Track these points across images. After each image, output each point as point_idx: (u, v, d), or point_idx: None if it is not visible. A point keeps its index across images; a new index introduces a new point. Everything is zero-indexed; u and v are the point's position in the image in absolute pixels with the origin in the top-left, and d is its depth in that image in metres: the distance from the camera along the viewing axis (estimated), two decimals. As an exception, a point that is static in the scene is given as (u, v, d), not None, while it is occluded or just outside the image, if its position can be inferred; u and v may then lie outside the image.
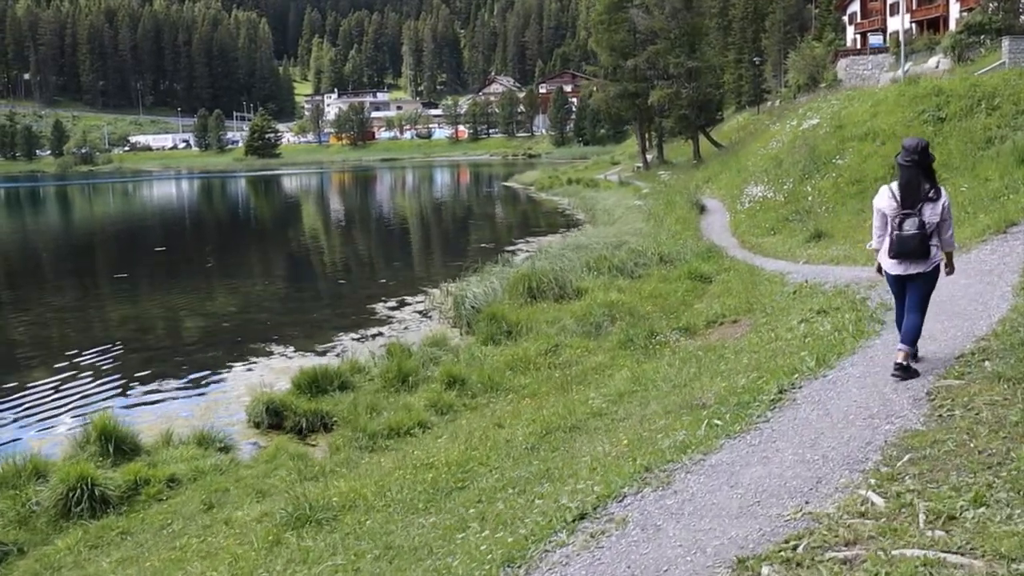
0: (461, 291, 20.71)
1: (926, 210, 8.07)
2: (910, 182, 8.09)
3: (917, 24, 70.00)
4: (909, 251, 8.18)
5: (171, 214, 68.08)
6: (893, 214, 8.19)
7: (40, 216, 69.23)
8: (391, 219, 57.43)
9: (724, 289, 18.25)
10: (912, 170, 8.07)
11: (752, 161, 36.92)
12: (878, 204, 8.46)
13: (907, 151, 8.10)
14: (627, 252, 22.71)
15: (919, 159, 8.06)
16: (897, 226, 8.14)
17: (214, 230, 53.48)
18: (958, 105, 26.34)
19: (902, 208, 8.11)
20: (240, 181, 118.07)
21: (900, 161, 8.16)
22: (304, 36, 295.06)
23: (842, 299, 13.36)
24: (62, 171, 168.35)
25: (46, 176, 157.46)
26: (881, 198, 8.41)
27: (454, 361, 14.97)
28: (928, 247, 8.17)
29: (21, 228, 56.56)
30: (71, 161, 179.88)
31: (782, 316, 14.14)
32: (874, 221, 8.65)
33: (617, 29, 56.83)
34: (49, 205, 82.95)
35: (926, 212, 8.07)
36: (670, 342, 14.27)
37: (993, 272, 12.85)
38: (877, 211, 8.50)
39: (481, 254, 28.88)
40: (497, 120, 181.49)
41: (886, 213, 8.31)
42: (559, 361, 14.43)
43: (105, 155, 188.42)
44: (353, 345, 18.69)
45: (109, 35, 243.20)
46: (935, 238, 8.21)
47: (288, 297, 26.48)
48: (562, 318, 17.50)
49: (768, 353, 11.43)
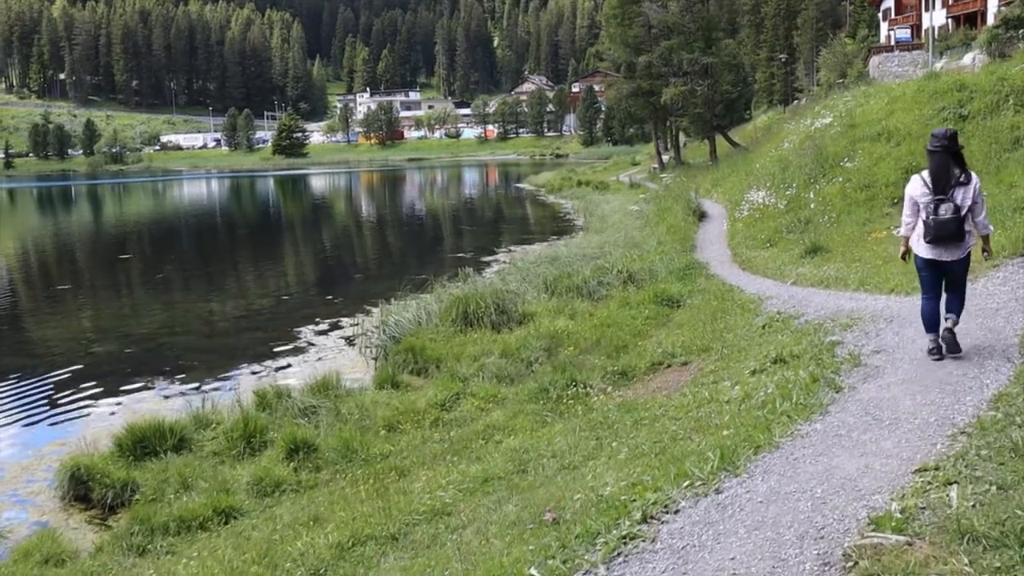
0: (391, 315, 17.93)
1: (958, 194, 8.22)
2: (940, 167, 8.26)
3: (953, 19, 66.65)
4: (946, 235, 8.27)
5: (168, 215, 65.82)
6: (926, 200, 8.34)
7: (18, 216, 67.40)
8: (378, 223, 54.31)
9: (689, 317, 15.36)
10: (942, 155, 8.25)
11: (760, 163, 33.82)
12: (910, 192, 8.59)
13: (936, 138, 8.31)
14: (593, 269, 19.83)
15: (948, 144, 8.24)
16: (932, 211, 8.27)
17: (194, 234, 50.46)
18: (983, 102, 23.21)
19: (935, 194, 8.27)
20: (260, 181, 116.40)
21: (929, 148, 8.37)
22: (337, 36, 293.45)
23: (808, 343, 10.51)
24: (92, 170, 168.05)
25: (77, 175, 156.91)
26: (913, 186, 8.57)
27: (331, 411, 12.19)
28: (963, 231, 8.30)
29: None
30: (101, 160, 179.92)
31: (735, 362, 11.32)
32: (905, 209, 8.73)
33: (630, 24, 53.75)
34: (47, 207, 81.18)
35: (958, 196, 8.22)
36: (592, 395, 11.41)
37: (1000, 312, 9.90)
38: (909, 199, 8.60)
39: (453, 265, 26.09)
40: (526, 120, 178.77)
41: (918, 201, 8.46)
42: (451, 417, 11.67)
43: (135, 154, 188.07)
44: (242, 382, 15.93)
45: (143, 35, 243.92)
46: (968, 222, 8.33)
47: (219, 316, 23.67)
48: (492, 351, 14.71)
49: (685, 426, 8.64)
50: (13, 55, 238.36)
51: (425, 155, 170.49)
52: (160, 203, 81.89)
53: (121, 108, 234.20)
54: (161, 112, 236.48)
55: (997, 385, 7.37)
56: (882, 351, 9.38)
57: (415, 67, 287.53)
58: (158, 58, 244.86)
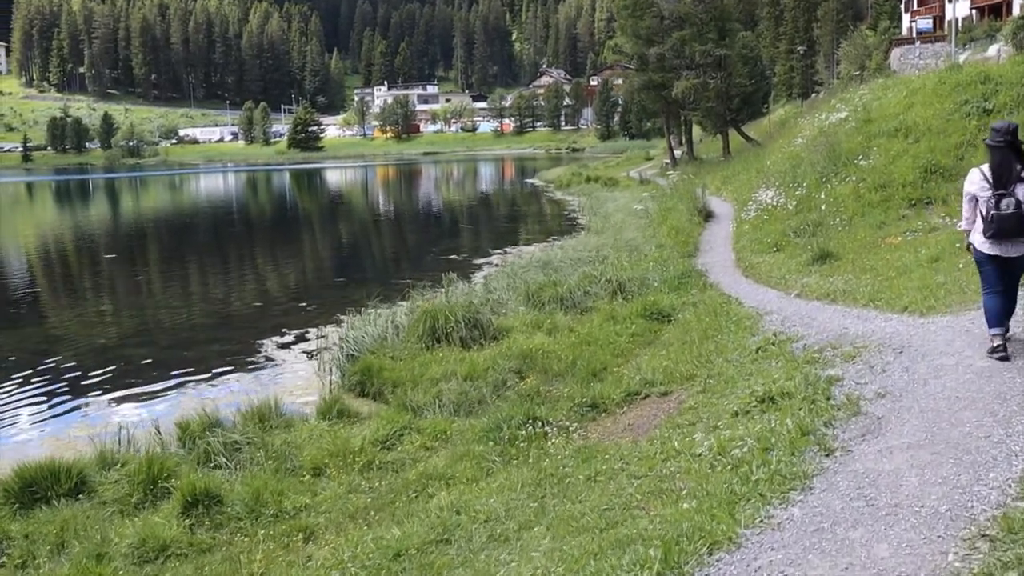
0: (355, 329, 16.39)
1: (1019, 190, 7.97)
2: (1003, 162, 8.02)
3: (978, 10, 64.64)
4: (1008, 229, 7.99)
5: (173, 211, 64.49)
6: (986, 195, 8.09)
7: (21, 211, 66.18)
8: (377, 222, 52.34)
9: (679, 335, 13.77)
10: (1004, 151, 8.00)
11: (771, 160, 32.10)
12: (969, 187, 8.36)
13: (998, 132, 8.06)
14: (580, 278, 18.23)
15: (1011, 140, 7.99)
16: (994, 206, 7.99)
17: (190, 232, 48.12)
18: (1008, 95, 21.47)
19: (996, 189, 8.03)
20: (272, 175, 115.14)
21: (990, 143, 8.12)
22: (355, 29, 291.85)
23: (803, 378, 8.92)
24: (109, 164, 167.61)
25: (94, 168, 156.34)
26: (972, 181, 8.33)
27: (257, 447, 10.63)
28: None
29: None
30: (118, 154, 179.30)
31: (718, 396, 9.77)
32: (964, 203, 8.55)
33: (642, 15, 51.93)
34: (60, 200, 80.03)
35: (1019, 192, 7.96)
36: (550, 435, 9.84)
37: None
38: (968, 194, 8.39)
39: (443, 268, 24.49)
40: (543, 113, 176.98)
41: (977, 195, 8.23)
42: (390, 459, 10.11)
43: (151, 148, 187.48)
44: (180, 404, 14.31)
45: (162, 29, 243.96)
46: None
47: (183, 324, 21.85)
48: (456, 373, 13.16)
49: (644, 488, 7.14)
50: (33, 49, 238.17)
51: (440, 149, 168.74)
52: (169, 198, 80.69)
53: (140, 102, 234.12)
54: (179, 106, 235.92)
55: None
56: (887, 395, 7.79)
57: (433, 60, 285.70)
58: (176, 52, 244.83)
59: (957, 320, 10.00)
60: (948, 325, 9.84)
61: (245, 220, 56.31)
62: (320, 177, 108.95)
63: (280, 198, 79.02)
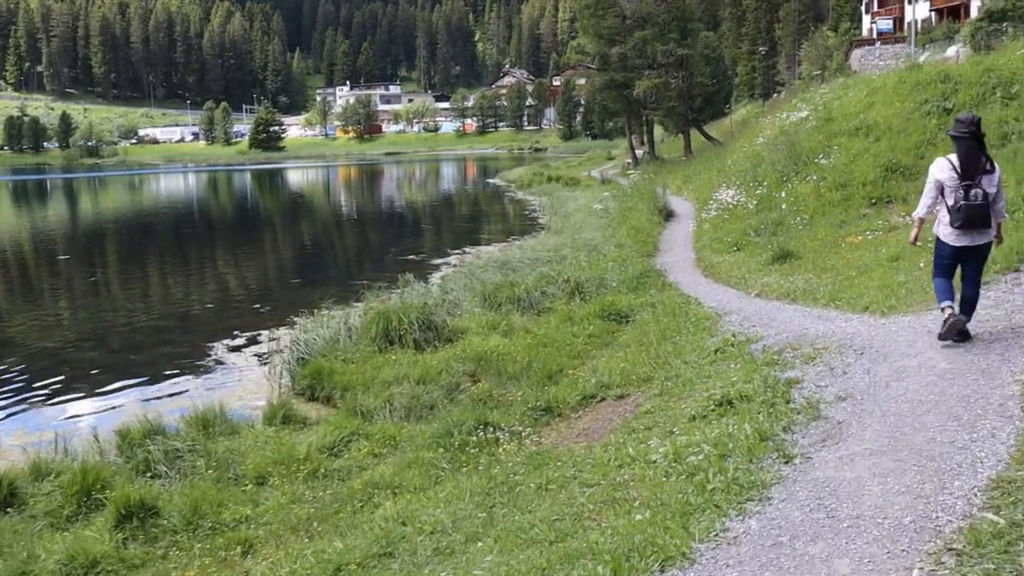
0: (307, 331, 15.94)
1: (984, 181, 8.06)
2: (969, 153, 8.06)
3: (936, 12, 65.27)
4: (977, 220, 8.06)
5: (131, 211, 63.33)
6: (954, 185, 8.12)
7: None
8: (337, 222, 51.49)
9: (636, 336, 13.47)
10: (970, 142, 8.04)
11: (733, 159, 31.97)
12: (939, 175, 8.26)
13: (963, 123, 8.08)
14: (537, 278, 17.89)
15: (975, 131, 8.04)
16: (963, 196, 8.04)
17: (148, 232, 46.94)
18: (968, 94, 21.40)
19: (964, 179, 8.07)
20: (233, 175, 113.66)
21: (955, 133, 8.14)
22: (318, 28, 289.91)
23: (762, 380, 8.64)
24: (68, 164, 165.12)
25: (52, 169, 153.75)
26: (941, 169, 8.27)
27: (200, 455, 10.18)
28: (990, 217, 8.15)
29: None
30: (76, 154, 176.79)
31: (675, 399, 9.48)
32: (927, 190, 8.43)
33: (604, 14, 51.68)
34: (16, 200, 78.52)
35: (984, 183, 8.05)
36: (502, 441, 9.50)
37: (994, 348, 8.05)
38: (934, 181, 8.31)
39: (402, 269, 24.06)
40: (505, 113, 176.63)
41: (945, 184, 8.21)
42: (336, 467, 9.71)
43: (111, 148, 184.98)
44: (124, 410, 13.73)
45: (121, 27, 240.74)
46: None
47: (134, 326, 21.03)
48: (409, 376, 12.78)
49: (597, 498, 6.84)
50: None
51: (403, 149, 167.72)
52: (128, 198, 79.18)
53: (99, 101, 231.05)
54: (140, 105, 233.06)
55: (994, 461, 5.52)
56: (848, 398, 7.52)
57: (396, 60, 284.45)
58: (136, 51, 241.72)
59: (919, 320, 9.79)
60: (910, 325, 9.62)
61: (204, 221, 55.34)
62: (281, 177, 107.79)
63: (240, 198, 78.08)
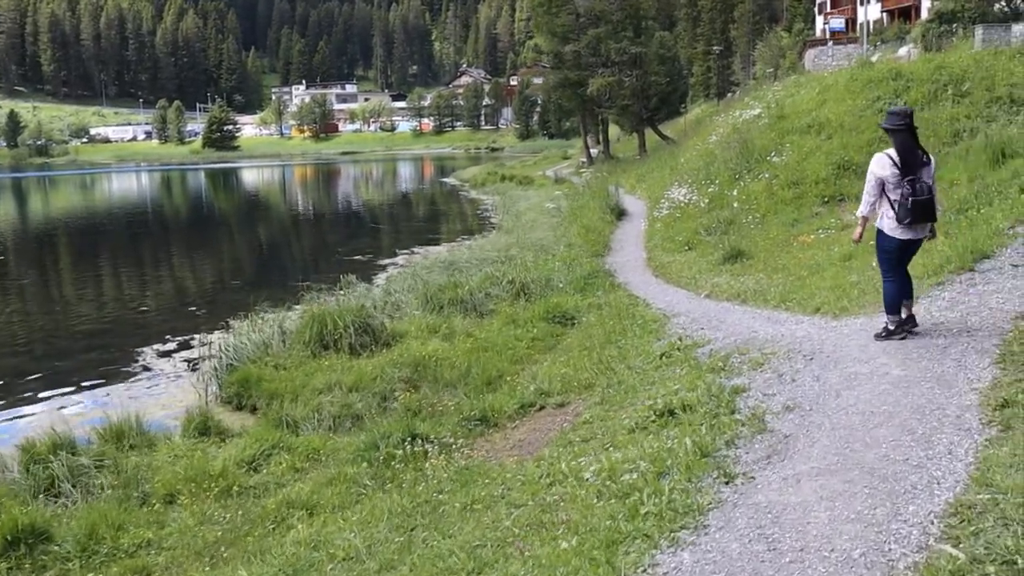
0: (239, 336, 15.21)
1: (924, 174, 7.94)
2: (907, 146, 7.88)
3: (888, 13, 65.60)
4: (926, 213, 7.91)
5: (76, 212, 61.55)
6: (896, 180, 7.89)
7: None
8: (285, 222, 50.07)
9: (581, 340, 12.92)
10: (906, 134, 7.85)
11: (686, 158, 31.58)
12: (880, 172, 7.99)
13: (897, 116, 7.90)
14: (481, 279, 17.29)
15: (910, 123, 7.87)
16: (911, 191, 7.81)
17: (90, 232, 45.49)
18: (920, 91, 21.17)
19: (905, 174, 7.85)
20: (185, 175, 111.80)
21: (889, 126, 7.93)
22: (273, 27, 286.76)
23: (707, 388, 8.12)
24: (16, 163, 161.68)
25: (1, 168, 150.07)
26: (881, 165, 7.99)
27: (109, 471, 9.44)
28: (935, 209, 8.09)
29: None
30: (25, 153, 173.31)
31: (617, 408, 8.96)
32: (868, 188, 8.13)
33: (558, 12, 51.22)
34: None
35: (924, 175, 7.94)
36: (431, 454, 8.88)
37: (949, 352, 7.57)
38: (876, 179, 8.04)
39: (347, 269, 23.34)
40: (462, 113, 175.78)
41: (887, 180, 7.96)
42: (254, 482, 9.03)
43: (61, 147, 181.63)
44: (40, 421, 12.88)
45: (71, 24, 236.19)
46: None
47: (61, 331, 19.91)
48: (341, 383, 12.13)
49: (523, 521, 6.26)
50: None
51: (359, 148, 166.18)
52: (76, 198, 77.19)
53: (49, 100, 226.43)
54: (91, 104, 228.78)
55: (952, 482, 5.00)
56: (796, 408, 7.01)
57: (352, 59, 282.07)
58: (87, 48, 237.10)
59: (871, 322, 9.32)
60: (862, 328, 9.14)
61: (149, 221, 53.86)
62: (234, 177, 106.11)
63: (191, 199, 76.42)
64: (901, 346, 7.96)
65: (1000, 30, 31.34)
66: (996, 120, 18.35)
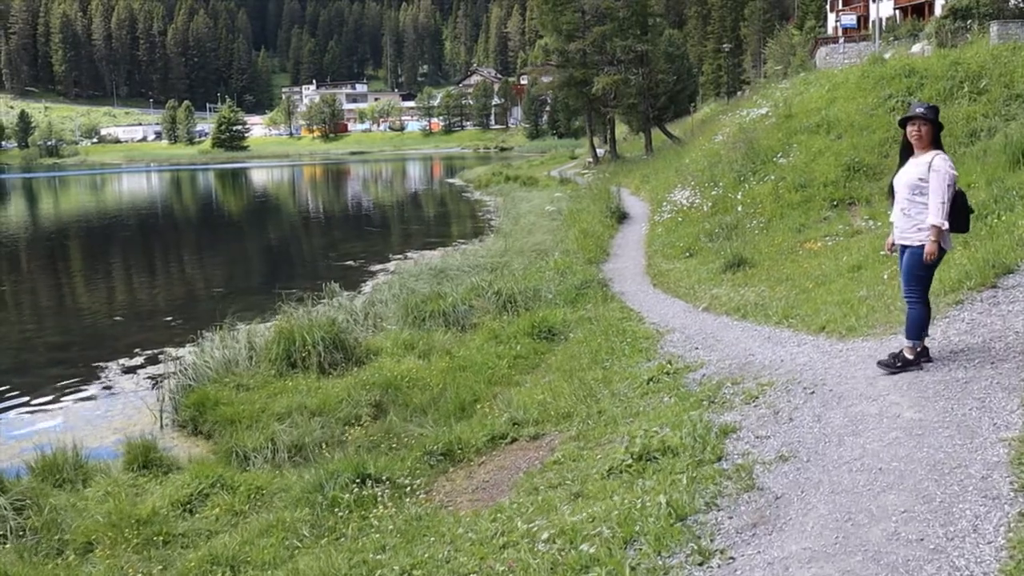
0: (204, 352, 14.23)
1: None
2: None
3: (901, 10, 64.31)
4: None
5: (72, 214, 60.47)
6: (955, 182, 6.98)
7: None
8: (277, 224, 48.22)
9: (566, 359, 11.91)
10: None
11: (691, 158, 30.51)
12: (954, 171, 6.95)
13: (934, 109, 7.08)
14: (466, 290, 16.26)
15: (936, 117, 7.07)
16: (961, 194, 7.10)
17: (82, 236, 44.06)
18: (934, 88, 20.06)
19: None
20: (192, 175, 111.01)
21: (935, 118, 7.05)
22: (283, 26, 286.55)
23: (693, 427, 7.11)
24: (27, 164, 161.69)
25: (10, 168, 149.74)
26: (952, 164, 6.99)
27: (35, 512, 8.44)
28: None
29: None
30: (35, 153, 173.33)
31: (594, 444, 8.03)
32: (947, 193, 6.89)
33: (563, 9, 50.25)
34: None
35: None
36: (380, 499, 7.87)
37: (970, 390, 6.54)
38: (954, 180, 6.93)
39: (336, 275, 22.38)
40: (471, 112, 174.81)
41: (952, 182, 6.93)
42: (182, 530, 7.99)
43: (71, 147, 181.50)
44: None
45: (83, 25, 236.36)
46: None
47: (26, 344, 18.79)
48: (305, 407, 11.14)
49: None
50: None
51: (368, 148, 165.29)
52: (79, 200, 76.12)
53: (61, 100, 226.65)
54: (102, 104, 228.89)
55: (978, 554, 3.97)
56: (791, 457, 6.01)
57: (362, 59, 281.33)
58: (99, 48, 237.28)
59: (881, 346, 8.30)
60: (870, 354, 8.11)
61: (145, 224, 52.12)
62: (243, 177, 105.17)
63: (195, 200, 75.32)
64: (915, 380, 6.94)
65: (1016, 26, 30.26)
66: (1016, 119, 17.24)
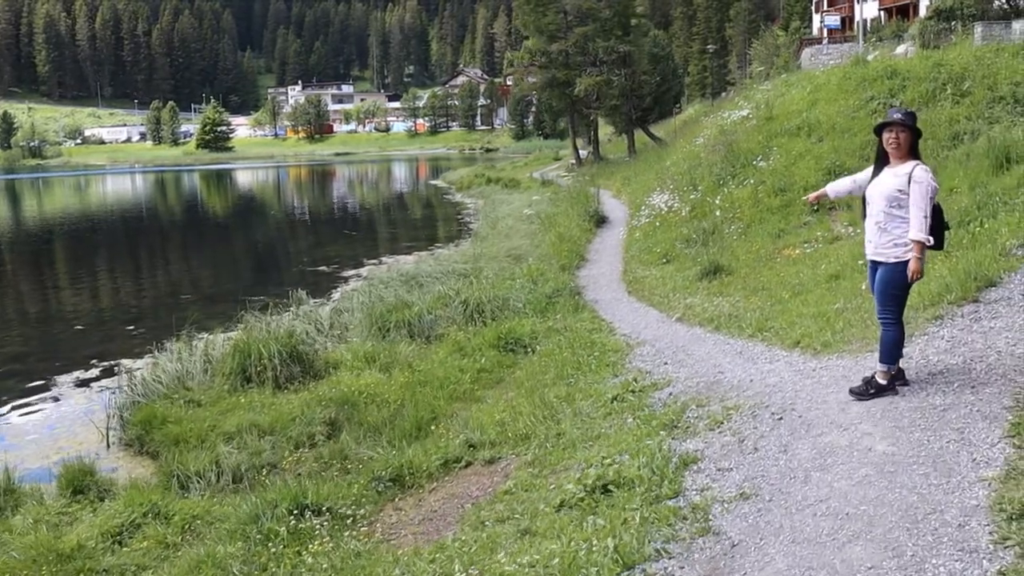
0: (157, 366, 13.67)
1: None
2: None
3: (886, 11, 64.21)
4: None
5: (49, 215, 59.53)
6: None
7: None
8: (254, 228, 47.37)
9: (531, 374, 11.40)
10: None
11: (672, 160, 30.04)
12: (936, 184, 6.51)
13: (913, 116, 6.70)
14: (433, 299, 15.74)
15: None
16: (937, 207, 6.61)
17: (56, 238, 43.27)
18: (917, 91, 19.64)
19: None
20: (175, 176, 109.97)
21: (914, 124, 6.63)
22: (269, 27, 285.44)
23: (651, 456, 6.63)
24: (9, 165, 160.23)
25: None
26: (933, 176, 6.54)
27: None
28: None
29: None
30: (18, 155, 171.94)
31: (549, 471, 7.49)
32: (927, 206, 6.40)
33: (545, 10, 49.70)
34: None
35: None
36: (318, 532, 7.33)
37: (948, 419, 6.04)
38: (935, 193, 6.52)
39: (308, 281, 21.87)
40: (457, 113, 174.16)
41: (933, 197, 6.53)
42: (106, 566, 7.42)
43: (55, 148, 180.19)
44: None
45: (67, 25, 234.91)
46: None
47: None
48: (257, 424, 10.61)
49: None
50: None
51: (353, 149, 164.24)
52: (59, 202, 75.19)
53: (44, 100, 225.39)
54: (86, 104, 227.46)
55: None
56: (752, 495, 5.51)
57: (348, 60, 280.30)
58: (83, 49, 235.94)
59: (856, 365, 7.83)
60: (844, 374, 7.63)
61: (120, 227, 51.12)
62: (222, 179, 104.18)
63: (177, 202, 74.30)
64: (890, 407, 6.45)
65: (1000, 27, 29.95)
66: (999, 121, 16.82)
